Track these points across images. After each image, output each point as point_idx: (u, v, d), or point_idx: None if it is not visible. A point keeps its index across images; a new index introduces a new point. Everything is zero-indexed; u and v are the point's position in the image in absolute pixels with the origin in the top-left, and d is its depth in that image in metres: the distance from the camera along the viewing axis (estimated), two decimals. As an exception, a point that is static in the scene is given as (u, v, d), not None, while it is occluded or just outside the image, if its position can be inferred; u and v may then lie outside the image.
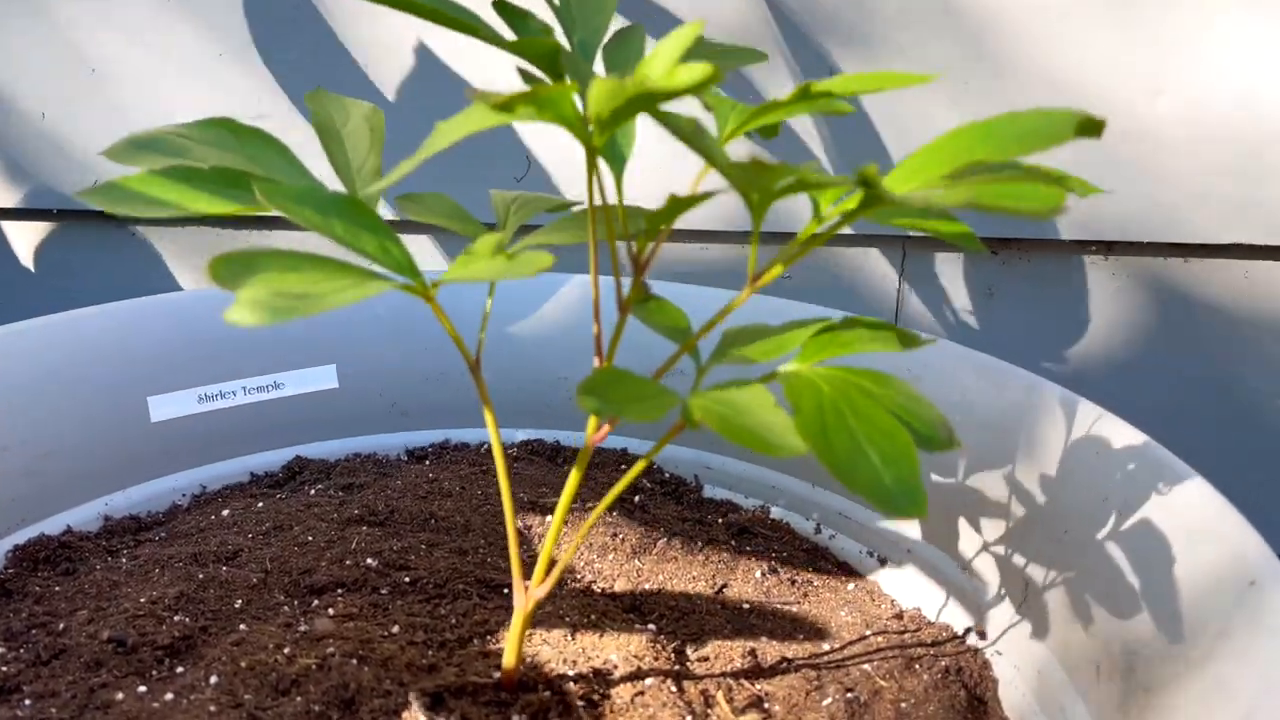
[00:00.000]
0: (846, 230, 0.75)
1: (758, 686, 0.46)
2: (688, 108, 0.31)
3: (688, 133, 0.24)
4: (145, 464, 0.60)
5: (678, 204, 0.28)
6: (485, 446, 0.70)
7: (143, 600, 0.48)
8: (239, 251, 0.27)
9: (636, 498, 0.64)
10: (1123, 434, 0.48)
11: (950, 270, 0.78)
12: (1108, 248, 0.76)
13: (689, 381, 0.33)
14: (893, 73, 0.30)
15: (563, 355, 0.70)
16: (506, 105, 0.23)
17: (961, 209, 0.22)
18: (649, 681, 0.45)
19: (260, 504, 0.59)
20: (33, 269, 0.84)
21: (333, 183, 0.38)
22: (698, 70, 0.21)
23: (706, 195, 0.28)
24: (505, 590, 0.52)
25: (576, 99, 0.27)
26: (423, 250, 0.83)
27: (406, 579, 0.52)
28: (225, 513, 0.58)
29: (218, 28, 0.75)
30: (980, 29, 0.70)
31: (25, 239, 0.84)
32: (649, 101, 0.23)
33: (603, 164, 0.31)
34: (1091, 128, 0.24)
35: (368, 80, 0.76)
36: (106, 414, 0.59)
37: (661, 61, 0.24)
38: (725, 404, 0.30)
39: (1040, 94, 0.71)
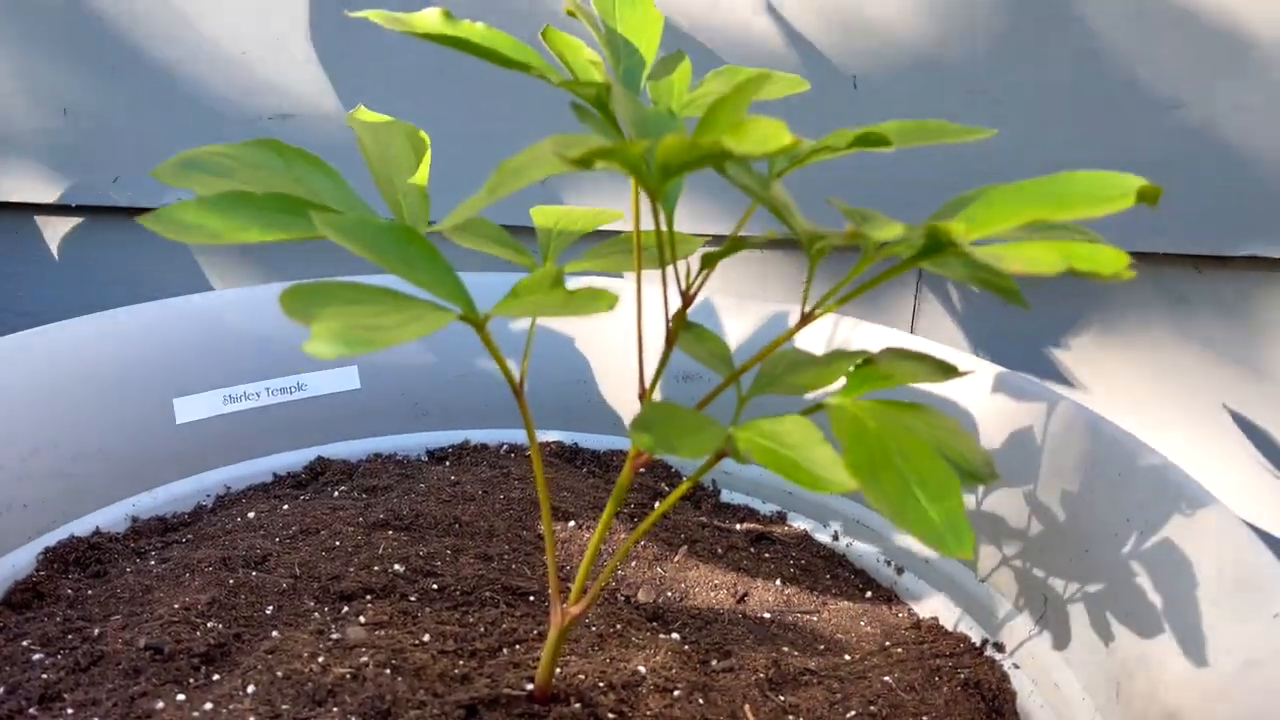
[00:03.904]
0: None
1: (782, 698, 0.47)
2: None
3: (758, 191, 0.25)
4: (170, 465, 0.61)
5: (737, 244, 0.29)
6: (504, 448, 0.70)
7: (176, 606, 0.48)
8: (310, 284, 0.27)
9: (656, 503, 0.64)
10: (1145, 456, 0.49)
11: (965, 276, 0.79)
12: (1122, 257, 0.77)
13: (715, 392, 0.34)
14: (951, 125, 0.30)
15: (580, 358, 0.70)
16: (584, 161, 0.23)
17: (1032, 271, 0.22)
18: (677, 693, 0.45)
19: (285, 506, 0.60)
20: (57, 264, 0.85)
21: (374, 198, 0.38)
22: (777, 135, 0.22)
23: (769, 236, 0.29)
24: (531, 598, 0.53)
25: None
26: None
27: (434, 586, 0.52)
28: (251, 515, 0.59)
29: (242, 26, 0.75)
30: (998, 38, 0.70)
31: (51, 234, 0.84)
32: (718, 161, 0.24)
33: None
34: (1149, 195, 0.25)
35: (393, 79, 0.76)
36: (133, 416, 0.59)
37: (729, 113, 0.24)
38: (771, 437, 0.31)
39: (1059, 105, 0.72)
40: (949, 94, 0.72)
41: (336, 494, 0.62)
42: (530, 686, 0.44)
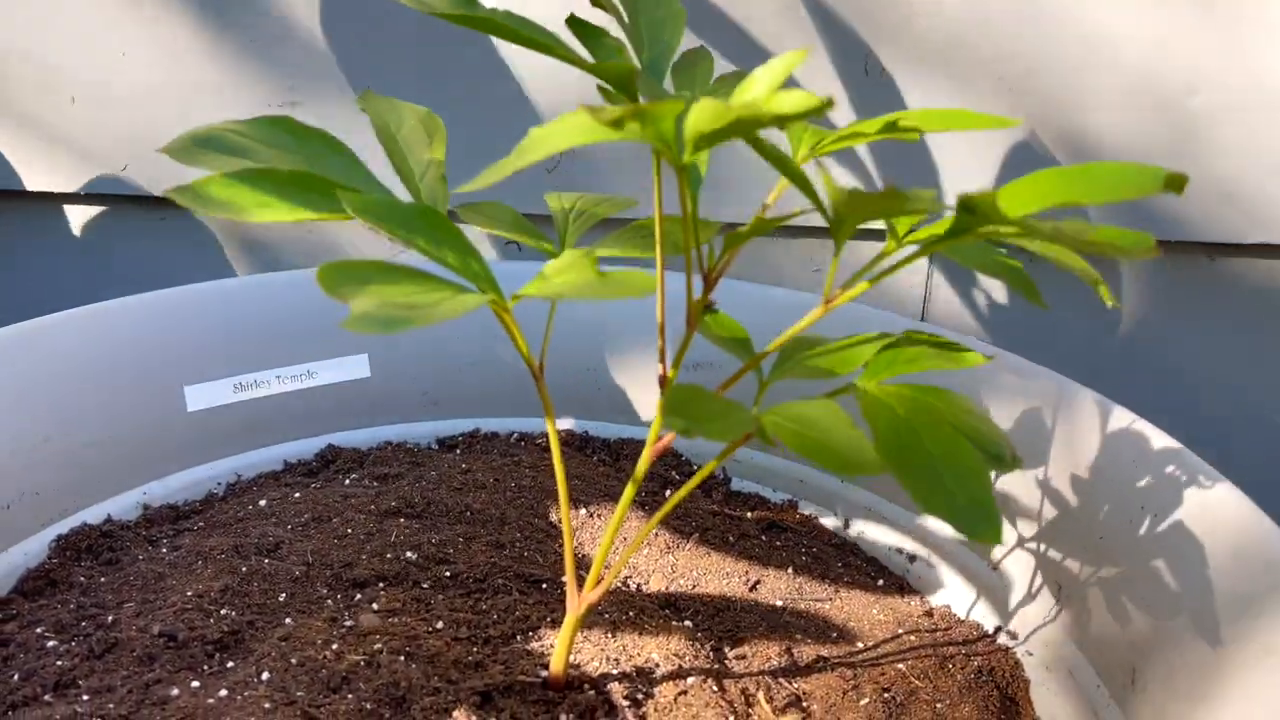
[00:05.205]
0: (878, 224, 0.75)
1: (796, 685, 0.47)
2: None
3: (785, 163, 0.25)
4: (182, 453, 0.61)
5: (763, 224, 0.28)
6: (515, 436, 0.70)
7: (189, 593, 0.48)
8: (347, 263, 0.27)
9: (667, 491, 0.64)
10: (1158, 440, 0.48)
11: (975, 264, 0.78)
12: (1133, 245, 0.76)
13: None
14: (973, 113, 0.30)
15: (591, 346, 0.70)
16: (617, 122, 0.23)
17: (1063, 245, 0.22)
18: (690, 680, 0.45)
19: (297, 494, 0.60)
20: (81, 253, 0.84)
21: (388, 180, 0.38)
22: (809, 98, 0.22)
23: (794, 215, 0.28)
24: (544, 585, 0.53)
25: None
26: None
27: (447, 573, 0.52)
28: (263, 503, 0.59)
29: (249, 14, 0.74)
30: (1014, 26, 0.70)
31: (75, 223, 0.84)
32: (751, 126, 0.23)
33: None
34: (1175, 184, 0.24)
35: (402, 69, 0.76)
36: (144, 403, 0.59)
37: (761, 86, 0.24)
38: (798, 421, 0.31)
39: (1074, 92, 0.71)
40: (963, 81, 0.72)
41: (348, 482, 0.62)
42: (544, 673, 0.44)
